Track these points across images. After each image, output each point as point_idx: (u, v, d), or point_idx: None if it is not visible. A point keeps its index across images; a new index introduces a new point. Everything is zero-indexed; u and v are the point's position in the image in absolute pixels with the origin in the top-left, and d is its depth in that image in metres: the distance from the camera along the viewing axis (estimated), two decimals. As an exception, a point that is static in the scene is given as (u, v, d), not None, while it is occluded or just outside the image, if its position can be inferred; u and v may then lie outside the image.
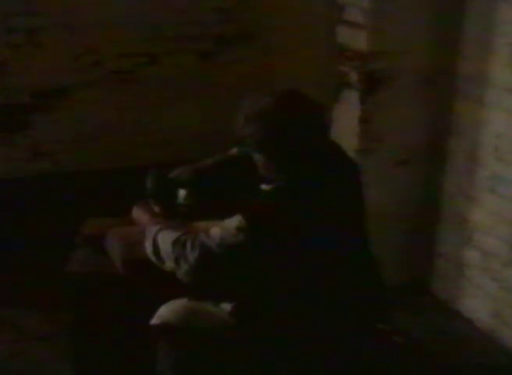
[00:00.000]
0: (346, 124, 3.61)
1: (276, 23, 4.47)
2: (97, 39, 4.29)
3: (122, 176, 4.31)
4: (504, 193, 3.33)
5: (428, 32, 3.46)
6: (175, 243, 2.41)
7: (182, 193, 2.82)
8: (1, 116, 4.29)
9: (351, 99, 3.55)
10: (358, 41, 3.45)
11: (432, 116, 3.61)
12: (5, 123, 4.31)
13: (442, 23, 3.47)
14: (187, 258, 2.36)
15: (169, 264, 2.44)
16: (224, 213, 2.44)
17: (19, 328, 3.48)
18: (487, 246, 3.46)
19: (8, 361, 3.26)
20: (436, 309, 3.71)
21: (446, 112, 3.57)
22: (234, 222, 2.32)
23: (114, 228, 3.00)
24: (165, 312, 2.55)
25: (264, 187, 2.47)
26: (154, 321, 2.54)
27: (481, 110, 3.39)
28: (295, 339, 2.41)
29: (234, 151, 2.94)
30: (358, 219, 2.51)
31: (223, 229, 2.34)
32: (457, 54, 3.47)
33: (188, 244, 2.37)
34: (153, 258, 2.51)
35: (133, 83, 4.45)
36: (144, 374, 2.66)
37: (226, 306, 2.51)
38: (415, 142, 3.64)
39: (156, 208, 2.79)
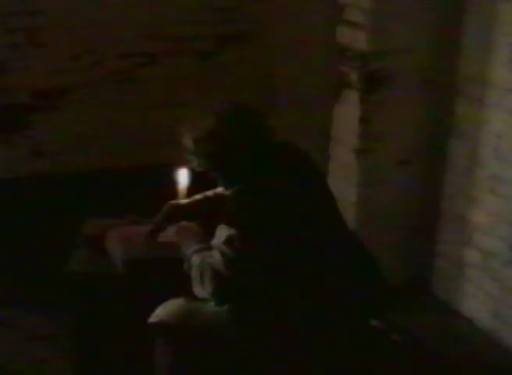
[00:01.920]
0: (346, 124, 3.61)
1: (276, 23, 4.46)
2: (97, 39, 4.28)
3: (122, 176, 4.31)
4: (504, 193, 3.33)
5: (428, 32, 3.46)
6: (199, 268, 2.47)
7: None
8: (1, 116, 4.28)
9: (351, 99, 3.55)
10: (358, 41, 3.45)
11: (432, 116, 3.61)
12: (5, 123, 4.30)
13: (442, 23, 3.47)
14: (204, 286, 2.43)
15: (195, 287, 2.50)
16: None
17: (19, 328, 3.48)
18: (487, 246, 3.46)
19: (8, 361, 3.26)
20: (436, 309, 3.71)
21: (446, 113, 3.57)
22: (223, 236, 2.38)
23: (114, 228, 3.01)
24: (162, 311, 2.57)
25: (226, 193, 2.56)
26: (152, 320, 2.56)
27: (482, 110, 3.39)
28: (293, 337, 2.41)
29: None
30: (326, 206, 2.55)
31: (219, 248, 2.39)
32: (457, 54, 3.47)
33: (205, 273, 2.42)
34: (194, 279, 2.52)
35: (133, 83, 4.44)
36: (144, 374, 2.67)
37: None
38: (415, 142, 3.64)
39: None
